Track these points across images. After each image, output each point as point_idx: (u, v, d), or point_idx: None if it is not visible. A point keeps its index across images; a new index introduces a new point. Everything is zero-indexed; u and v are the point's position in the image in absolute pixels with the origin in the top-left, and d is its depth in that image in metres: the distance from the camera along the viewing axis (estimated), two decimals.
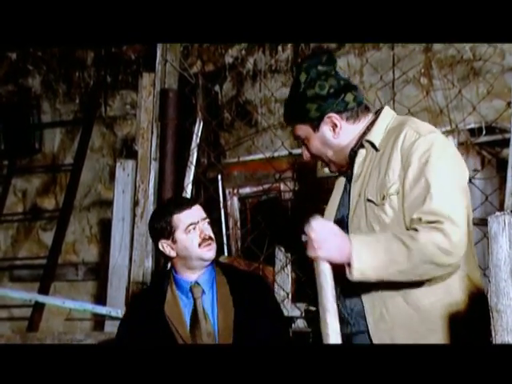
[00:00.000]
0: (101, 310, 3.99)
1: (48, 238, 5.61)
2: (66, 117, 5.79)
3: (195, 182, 4.13)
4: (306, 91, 2.60)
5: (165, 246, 3.09)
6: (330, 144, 2.62)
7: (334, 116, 2.59)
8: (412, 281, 2.40)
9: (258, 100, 4.96)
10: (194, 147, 4.09)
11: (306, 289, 3.68)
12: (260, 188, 4.27)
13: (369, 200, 2.50)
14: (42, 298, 4.59)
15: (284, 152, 4.16)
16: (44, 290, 5.12)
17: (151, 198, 3.97)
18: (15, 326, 5.59)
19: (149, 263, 3.90)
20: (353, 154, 2.62)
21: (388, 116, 2.63)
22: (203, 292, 3.05)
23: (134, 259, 3.92)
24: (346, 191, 2.64)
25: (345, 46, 4.69)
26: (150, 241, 3.91)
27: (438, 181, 2.41)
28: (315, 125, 2.60)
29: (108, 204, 5.11)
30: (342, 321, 2.55)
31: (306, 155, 2.71)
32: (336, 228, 2.42)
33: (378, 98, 4.21)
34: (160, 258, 3.88)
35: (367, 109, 2.67)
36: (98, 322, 4.55)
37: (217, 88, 5.02)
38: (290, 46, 4.87)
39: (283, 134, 4.73)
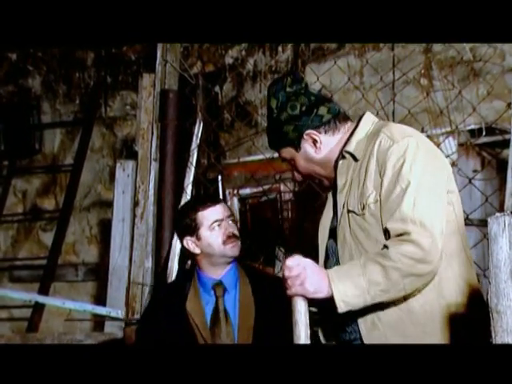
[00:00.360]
0: (101, 310, 3.99)
1: (48, 238, 5.61)
2: (66, 117, 5.79)
3: (195, 183, 4.12)
4: (279, 116, 2.61)
5: (189, 243, 3.10)
6: (314, 160, 2.62)
7: (312, 132, 2.59)
8: (400, 297, 2.38)
9: (258, 101, 4.96)
10: (194, 148, 4.08)
11: None
12: (260, 189, 4.27)
13: (350, 211, 2.50)
14: (41, 299, 4.59)
15: None
16: (44, 291, 5.13)
17: (151, 198, 3.97)
18: (15, 327, 5.59)
19: (149, 264, 3.90)
20: (336, 165, 2.61)
21: (368, 123, 2.61)
22: (225, 291, 3.05)
23: (134, 260, 3.92)
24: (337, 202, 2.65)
25: (345, 47, 4.69)
26: (150, 241, 3.91)
27: (410, 187, 2.39)
28: (296, 145, 2.61)
29: (108, 205, 5.11)
30: (341, 329, 2.56)
31: (298, 176, 2.72)
32: (311, 264, 2.39)
33: (378, 99, 4.21)
34: (160, 258, 3.89)
35: (346, 118, 2.65)
36: (98, 322, 4.54)
37: (217, 89, 5.02)
38: (290, 46, 4.87)
39: None
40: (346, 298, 2.34)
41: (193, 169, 4.04)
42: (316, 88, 4.42)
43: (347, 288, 2.34)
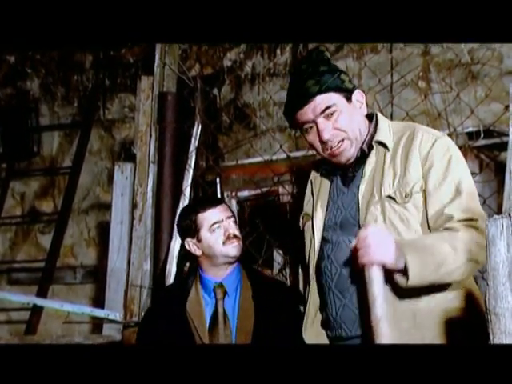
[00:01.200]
0: (99, 313, 3.98)
1: (46, 241, 5.61)
2: (64, 120, 5.79)
3: (194, 185, 4.13)
4: (336, 66, 2.66)
5: (190, 244, 3.10)
6: (359, 119, 2.63)
7: (361, 93, 2.65)
8: (451, 282, 2.42)
9: (257, 103, 4.97)
10: (193, 150, 4.09)
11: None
12: (258, 191, 4.28)
13: (390, 197, 2.52)
14: (40, 301, 4.58)
15: (282, 155, 4.16)
16: (42, 293, 5.12)
17: (149, 201, 3.97)
18: (13, 329, 5.59)
19: (147, 266, 3.90)
20: (361, 154, 2.62)
21: (385, 120, 2.70)
22: (226, 294, 3.04)
23: (133, 262, 3.92)
24: (343, 193, 2.64)
25: (343, 50, 4.69)
26: (149, 244, 3.91)
27: (463, 180, 2.51)
28: (348, 96, 2.60)
29: (106, 207, 5.11)
30: (352, 323, 2.56)
31: (330, 131, 2.55)
32: (389, 233, 2.38)
33: (376, 102, 4.21)
34: (158, 260, 3.89)
35: None
36: (97, 325, 4.54)
37: (215, 91, 5.03)
38: (288, 49, 4.88)
39: (282, 137, 4.73)
40: (419, 272, 2.31)
41: (191, 171, 4.04)
42: None
43: (421, 262, 2.32)
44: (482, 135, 3.85)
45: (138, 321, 3.75)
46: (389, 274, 2.35)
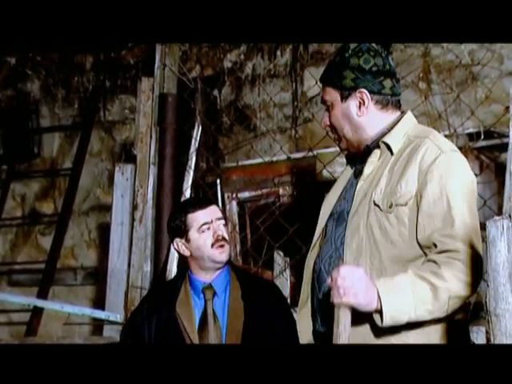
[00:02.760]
0: (99, 314, 3.99)
1: (47, 242, 5.61)
2: (64, 121, 5.79)
3: (194, 187, 4.13)
4: (350, 58, 2.57)
5: (179, 244, 3.10)
6: (350, 119, 2.57)
7: (365, 92, 2.55)
8: (438, 318, 2.36)
9: (257, 104, 4.96)
10: (193, 151, 4.09)
11: None
12: (259, 192, 4.28)
13: (375, 204, 2.47)
14: (40, 303, 4.58)
15: (283, 156, 4.17)
16: (43, 295, 5.12)
17: (150, 202, 3.97)
18: (14, 331, 5.58)
19: (147, 267, 3.91)
20: (366, 150, 2.58)
21: (409, 122, 2.61)
22: (215, 294, 3.04)
23: (133, 264, 3.93)
24: (352, 186, 2.61)
25: None
26: (149, 245, 3.91)
27: (459, 203, 2.39)
28: (344, 94, 2.57)
29: (107, 208, 5.11)
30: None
31: (325, 122, 2.65)
32: (365, 276, 2.32)
33: None
34: (159, 262, 3.89)
35: (398, 105, 2.64)
36: (97, 326, 4.54)
37: (215, 92, 5.02)
38: (288, 50, 4.87)
39: (282, 138, 4.73)
40: (394, 312, 2.29)
41: (191, 172, 4.05)
42: (315, 92, 4.44)
43: (396, 303, 2.29)
44: (482, 136, 3.86)
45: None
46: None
